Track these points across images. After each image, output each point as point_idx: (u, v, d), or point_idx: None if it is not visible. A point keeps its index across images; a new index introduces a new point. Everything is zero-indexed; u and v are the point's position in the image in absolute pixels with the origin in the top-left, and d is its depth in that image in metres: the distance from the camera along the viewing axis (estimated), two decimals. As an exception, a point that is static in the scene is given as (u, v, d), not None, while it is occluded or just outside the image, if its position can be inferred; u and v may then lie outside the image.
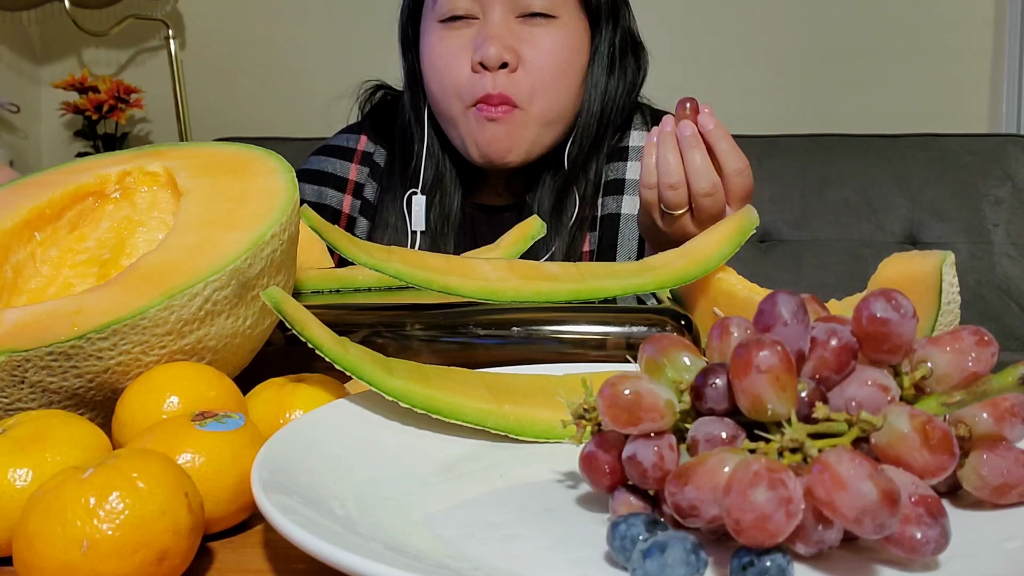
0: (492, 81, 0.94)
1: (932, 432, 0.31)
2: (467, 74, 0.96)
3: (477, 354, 0.56)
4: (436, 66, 0.99)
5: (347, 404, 0.45)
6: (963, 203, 1.56)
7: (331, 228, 0.58)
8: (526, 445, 0.44)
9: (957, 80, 2.00)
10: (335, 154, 1.11)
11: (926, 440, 0.31)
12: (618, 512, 0.34)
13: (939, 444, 0.31)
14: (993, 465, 0.34)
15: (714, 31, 2.06)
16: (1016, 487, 0.34)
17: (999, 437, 0.35)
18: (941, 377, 0.34)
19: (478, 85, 0.95)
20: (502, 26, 0.95)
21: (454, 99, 0.98)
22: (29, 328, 0.44)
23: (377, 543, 0.31)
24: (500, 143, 0.97)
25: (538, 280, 0.58)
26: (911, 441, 0.31)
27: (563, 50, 0.97)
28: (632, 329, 0.55)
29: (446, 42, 0.98)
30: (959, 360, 0.34)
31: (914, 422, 0.31)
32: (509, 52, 0.94)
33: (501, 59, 0.94)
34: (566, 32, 0.97)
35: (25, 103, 2.19)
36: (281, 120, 2.10)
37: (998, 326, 1.50)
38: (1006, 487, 0.34)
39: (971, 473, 0.34)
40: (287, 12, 2.20)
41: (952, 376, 0.34)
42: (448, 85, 0.97)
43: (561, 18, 0.97)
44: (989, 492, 0.34)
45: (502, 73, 0.95)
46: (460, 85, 0.96)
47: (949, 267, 0.51)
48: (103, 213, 0.58)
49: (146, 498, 0.31)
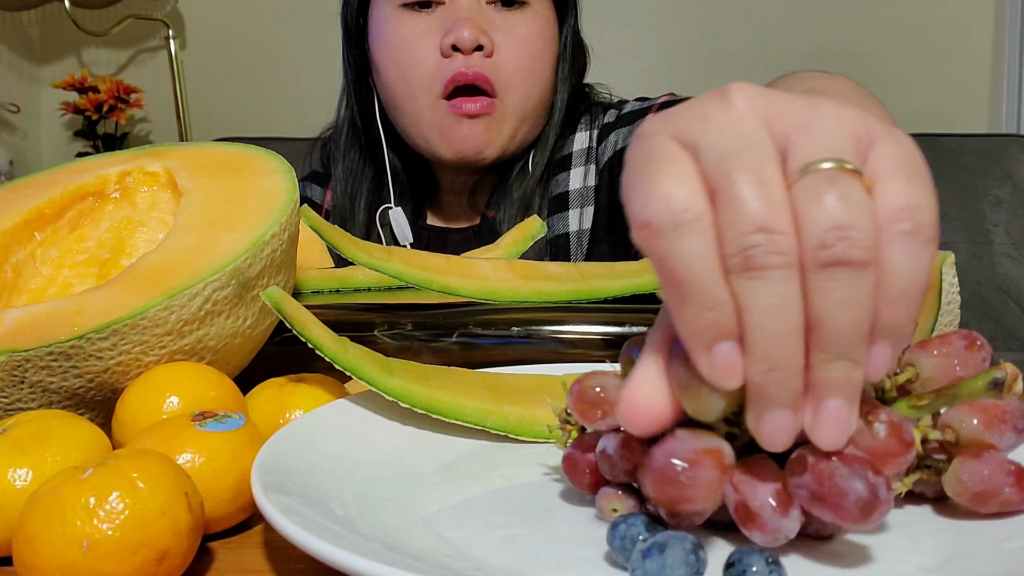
0: (466, 63, 0.86)
1: (875, 416, 0.30)
2: (435, 59, 0.87)
3: (477, 354, 0.56)
4: (397, 54, 0.89)
5: (347, 404, 0.45)
6: (963, 203, 1.56)
7: (331, 228, 0.58)
8: (526, 445, 0.44)
9: (957, 80, 2.00)
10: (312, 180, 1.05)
11: (869, 425, 0.30)
12: (602, 506, 0.34)
13: (888, 430, 0.30)
14: (974, 471, 0.33)
15: (714, 31, 2.06)
16: (996, 496, 0.33)
17: (987, 444, 0.34)
18: (926, 381, 0.34)
19: (448, 67, 0.86)
20: (473, 9, 0.88)
21: (419, 91, 0.88)
22: (29, 328, 0.44)
23: (377, 543, 0.31)
24: (477, 138, 0.88)
25: (538, 280, 0.58)
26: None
27: (538, 38, 0.90)
28: (632, 329, 0.55)
29: (408, 27, 0.89)
30: (945, 364, 0.34)
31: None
32: (484, 36, 0.87)
33: (476, 41, 0.86)
34: (540, 20, 0.91)
35: (25, 103, 2.19)
36: (281, 120, 2.09)
37: (998, 326, 1.50)
38: (986, 495, 0.33)
39: (952, 479, 0.34)
40: (287, 12, 2.20)
41: (937, 380, 0.34)
42: (413, 74, 0.88)
43: (532, 5, 0.90)
44: (969, 499, 0.33)
45: (476, 55, 0.86)
46: (427, 72, 0.87)
47: (949, 267, 0.51)
48: (103, 213, 0.58)
49: (146, 498, 0.31)
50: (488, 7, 0.89)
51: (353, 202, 0.97)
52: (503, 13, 0.89)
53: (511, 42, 0.88)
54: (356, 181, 0.97)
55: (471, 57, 0.86)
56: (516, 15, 0.89)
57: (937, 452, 0.35)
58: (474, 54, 0.86)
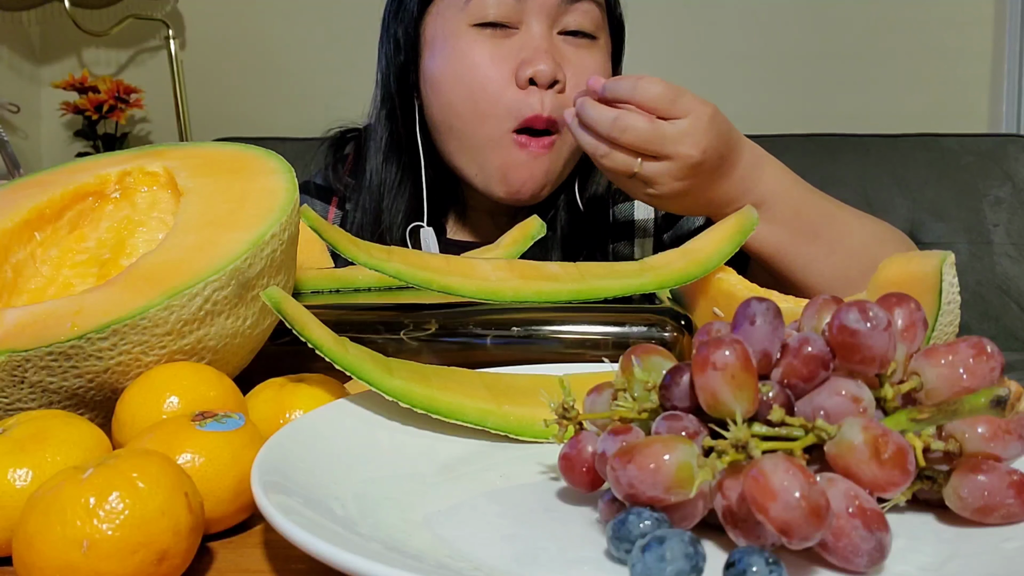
0: (541, 101, 0.84)
1: (884, 446, 0.31)
2: (512, 90, 0.84)
3: (477, 354, 0.56)
4: (469, 76, 0.85)
5: (347, 404, 0.45)
6: (963, 203, 1.56)
7: (331, 228, 0.58)
8: (526, 445, 0.44)
9: (957, 80, 2.00)
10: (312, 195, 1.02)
11: (876, 454, 0.31)
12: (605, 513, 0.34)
13: (891, 459, 0.31)
14: (974, 487, 0.33)
15: (714, 31, 2.06)
16: (998, 508, 0.33)
17: (991, 455, 0.33)
18: (931, 391, 0.34)
19: (525, 104, 0.84)
20: (548, 41, 0.85)
21: (489, 118, 0.85)
22: (29, 328, 0.44)
23: (377, 543, 0.31)
24: (536, 180, 0.86)
25: (538, 280, 0.58)
26: (860, 453, 0.31)
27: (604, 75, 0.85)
28: (632, 329, 0.55)
29: (482, 49, 0.85)
30: (950, 374, 0.33)
31: (867, 435, 0.31)
32: (559, 71, 0.85)
33: (554, 76, 0.84)
34: (605, 55, 0.90)
35: (25, 103, 2.18)
36: (281, 120, 2.09)
37: (998, 326, 1.50)
38: (988, 508, 0.33)
39: (952, 494, 0.33)
40: (287, 12, 2.20)
41: (941, 390, 0.34)
42: (484, 101, 0.85)
43: (599, 40, 0.89)
44: (971, 513, 0.33)
45: (550, 93, 0.84)
46: (502, 103, 0.84)
47: (949, 267, 0.51)
48: (103, 213, 0.58)
49: (146, 498, 0.31)
50: (559, 38, 0.87)
51: (378, 217, 0.94)
52: (573, 46, 0.88)
53: (582, 77, 0.85)
54: (392, 197, 0.94)
55: (546, 94, 0.84)
56: (585, 49, 0.88)
57: (939, 462, 0.34)
58: (548, 91, 0.85)
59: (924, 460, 0.32)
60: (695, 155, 0.70)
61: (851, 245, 0.77)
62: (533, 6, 0.85)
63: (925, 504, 0.35)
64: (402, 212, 0.94)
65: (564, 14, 0.86)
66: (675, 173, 0.71)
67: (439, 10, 0.89)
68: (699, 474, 0.30)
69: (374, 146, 0.95)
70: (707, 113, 0.71)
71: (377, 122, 0.96)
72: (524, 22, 0.86)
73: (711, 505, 0.32)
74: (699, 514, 0.32)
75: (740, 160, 0.74)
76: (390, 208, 0.94)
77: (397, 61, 0.92)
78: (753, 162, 0.76)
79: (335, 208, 1.00)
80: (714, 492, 0.32)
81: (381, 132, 0.95)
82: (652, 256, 0.64)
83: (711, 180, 0.73)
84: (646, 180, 0.72)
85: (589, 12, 0.87)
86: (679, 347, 0.54)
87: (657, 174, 0.71)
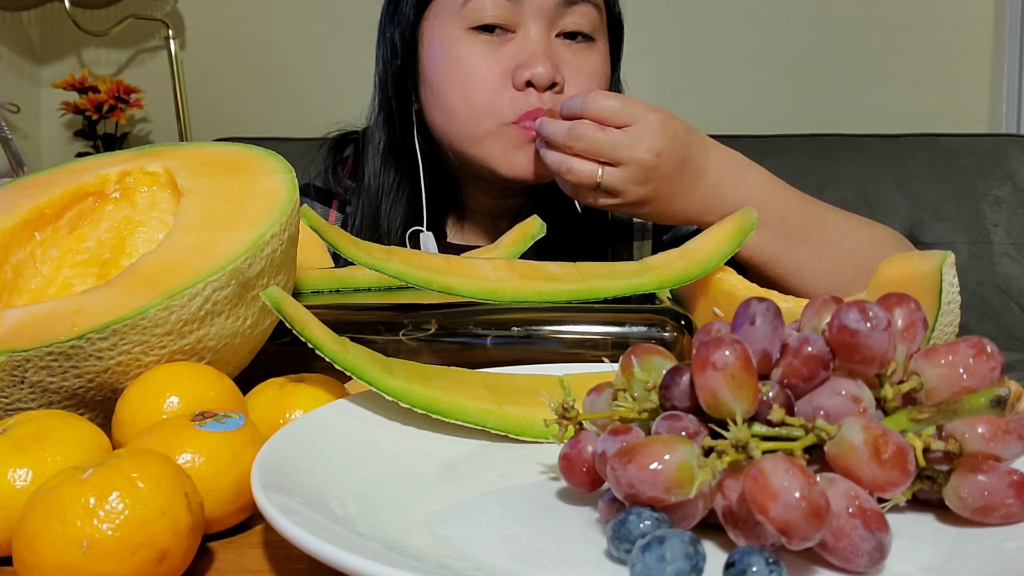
0: (539, 99, 0.84)
1: (884, 446, 0.31)
2: (508, 92, 0.85)
3: (477, 354, 0.56)
4: (466, 78, 0.86)
5: (347, 404, 0.45)
6: (963, 203, 1.56)
7: (331, 228, 0.58)
8: (526, 445, 0.44)
9: (957, 80, 2.00)
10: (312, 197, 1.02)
11: (876, 454, 0.31)
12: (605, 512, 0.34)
13: (891, 459, 0.31)
14: (974, 487, 0.33)
15: (713, 31, 2.06)
16: (998, 508, 0.33)
17: (990, 455, 0.33)
18: (931, 391, 0.34)
19: (522, 101, 0.84)
20: (545, 44, 0.86)
21: (485, 116, 0.86)
22: (29, 328, 0.44)
23: (377, 543, 0.31)
24: (539, 163, 0.85)
25: (538, 280, 0.58)
26: (860, 453, 0.31)
27: (602, 76, 0.89)
28: (632, 329, 0.55)
29: (479, 53, 0.86)
30: (950, 374, 0.33)
31: (867, 435, 0.31)
32: (557, 73, 0.85)
33: (552, 78, 0.84)
34: (602, 57, 0.90)
35: (25, 103, 2.18)
36: (281, 120, 2.09)
37: (998, 326, 1.50)
38: (987, 508, 0.33)
39: (952, 494, 0.33)
40: (287, 12, 2.20)
41: (941, 390, 0.34)
42: (480, 101, 0.85)
43: (598, 42, 0.89)
44: (971, 513, 0.33)
45: (548, 93, 0.85)
46: (499, 102, 0.85)
47: (949, 267, 0.51)
48: (103, 213, 0.58)
49: (146, 498, 0.31)
50: (556, 40, 0.87)
51: (376, 221, 0.94)
52: (571, 48, 0.88)
53: (580, 78, 0.87)
54: (390, 201, 0.94)
55: (544, 95, 0.84)
56: (583, 51, 0.88)
57: (939, 462, 0.34)
58: (546, 92, 0.85)
59: (924, 460, 0.32)
60: (649, 158, 0.73)
61: (843, 248, 0.79)
62: (530, 9, 0.85)
63: (925, 504, 0.35)
64: (400, 216, 0.94)
65: (561, 16, 0.86)
66: (634, 178, 0.74)
67: (435, 13, 0.88)
68: (699, 474, 0.30)
69: (372, 150, 0.95)
70: (657, 118, 0.73)
71: (375, 125, 0.96)
72: (521, 25, 0.86)
73: (711, 505, 0.32)
74: (699, 514, 0.32)
75: (708, 166, 0.76)
76: (388, 212, 0.94)
77: (394, 65, 0.92)
78: (729, 169, 0.77)
79: (336, 211, 1.00)
80: (714, 492, 0.32)
81: (379, 136, 0.95)
82: (652, 256, 0.64)
83: (675, 185, 0.75)
84: (610, 190, 0.75)
85: (587, 14, 0.87)
86: (679, 347, 0.54)
87: (619, 181, 0.74)
